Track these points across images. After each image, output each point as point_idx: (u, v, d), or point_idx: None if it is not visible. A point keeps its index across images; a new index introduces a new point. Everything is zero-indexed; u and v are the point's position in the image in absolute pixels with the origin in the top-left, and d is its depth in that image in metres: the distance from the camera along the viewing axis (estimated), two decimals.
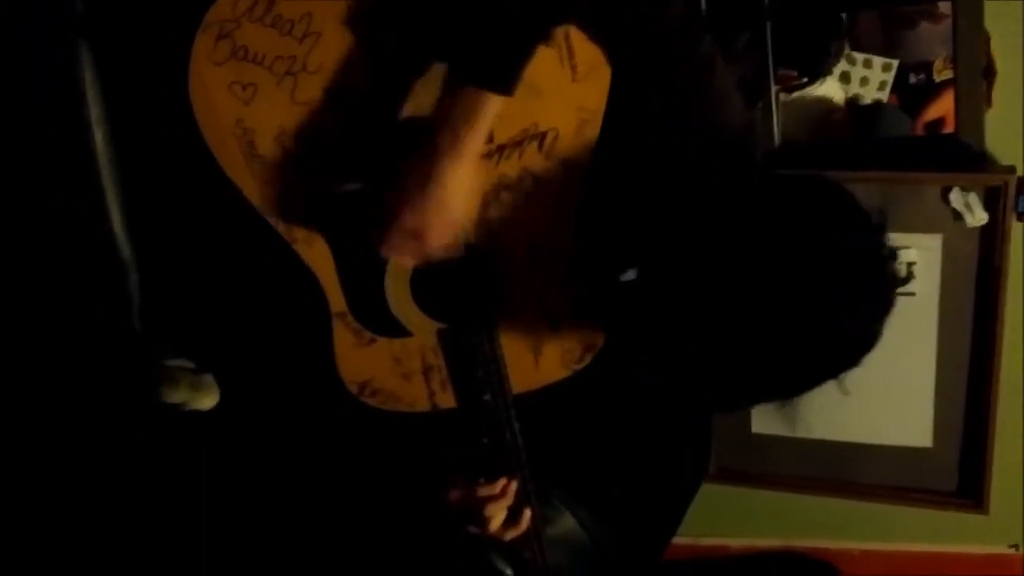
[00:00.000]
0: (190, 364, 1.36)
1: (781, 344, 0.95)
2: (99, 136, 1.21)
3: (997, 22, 1.67)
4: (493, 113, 1.01)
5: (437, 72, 1.04)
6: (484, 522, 1.21)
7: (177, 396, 1.34)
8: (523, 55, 0.99)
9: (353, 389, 1.23)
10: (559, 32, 1.03)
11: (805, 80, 2.46)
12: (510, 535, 1.23)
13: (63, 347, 1.32)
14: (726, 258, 0.97)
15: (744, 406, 1.06)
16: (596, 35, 1.04)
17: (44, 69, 1.20)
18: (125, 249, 1.27)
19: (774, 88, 2.18)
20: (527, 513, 1.23)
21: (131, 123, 1.23)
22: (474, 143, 1.02)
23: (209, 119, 1.07)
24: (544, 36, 1.01)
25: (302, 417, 1.36)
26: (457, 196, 1.04)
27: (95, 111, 1.20)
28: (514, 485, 1.21)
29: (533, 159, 1.10)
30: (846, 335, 0.97)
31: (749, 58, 2.28)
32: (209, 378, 1.36)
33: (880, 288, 0.99)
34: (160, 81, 1.11)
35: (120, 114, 1.22)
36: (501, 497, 1.21)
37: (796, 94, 2.41)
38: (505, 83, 0.99)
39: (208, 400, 1.36)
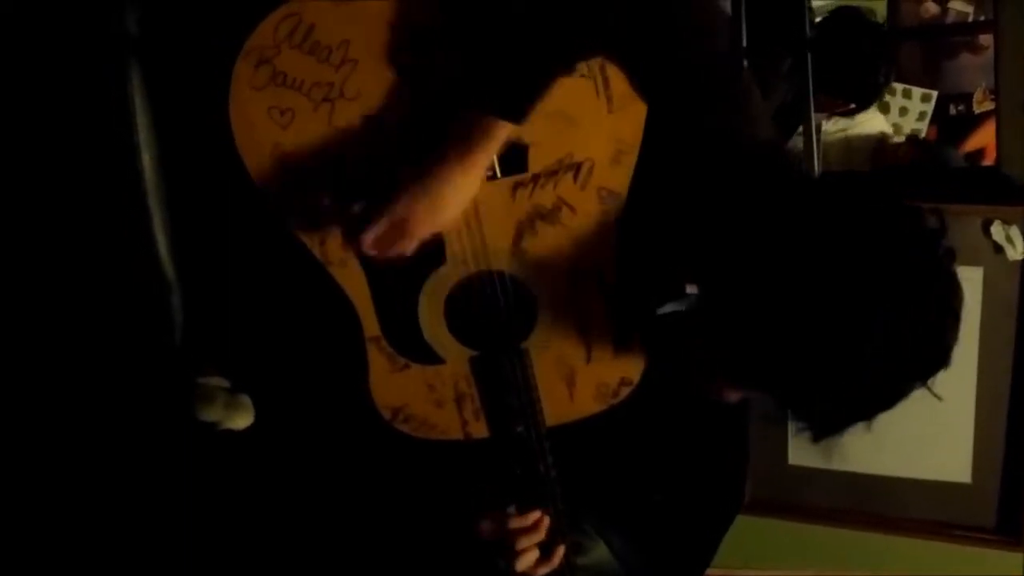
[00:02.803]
0: (226, 383, 1.37)
1: (865, 362, 0.93)
2: (147, 159, 1.23)
3: None
4: (503, 137, 1.02)
5: None
6: (515, 555, 1.20)
7: (212, 414, 1.35)
8: (538, 87, 1.00)
9: (386, 415, 1.23)
10: (595, 63, 1.03)
11: (853, 106, 2.45)
12: (542, 570, 1.21)
13: (104, 362, 1.34)
14: (775, 278, 0.95)
15: (827, 434, 1.04)
16: (628, 69, 1.04)
17: (96, 92, 1.22)
18: (169, 269, 1.29)
19: (815, 116, 2.18)
20: (560, 548, 1.21)
21: (176, 146, 1.25)
22: (481, 162, 1.03)
23: (248, 143, 1.08)
24: (564, 70, 1.01)
25: (335, 441, 1.36)
26: (451, 200, 1.04)
27: (143, 134, 1.23)
28: (547, 519, 1.20)
29: (568, 189, 1.10)
30: (919, 345, 0.94)
31: (790, 84, 2.28)
32: (244, 398, 1.37)
33: (946, 290, 0.96)
34: (204, 105, 1.12)
35: (166, 137, 1.24)
36: (533, 530, 1.19)
37: (839, 124, 2.41)
38: (516, 113, 1.00)
39: (242, 420, 1.37)
